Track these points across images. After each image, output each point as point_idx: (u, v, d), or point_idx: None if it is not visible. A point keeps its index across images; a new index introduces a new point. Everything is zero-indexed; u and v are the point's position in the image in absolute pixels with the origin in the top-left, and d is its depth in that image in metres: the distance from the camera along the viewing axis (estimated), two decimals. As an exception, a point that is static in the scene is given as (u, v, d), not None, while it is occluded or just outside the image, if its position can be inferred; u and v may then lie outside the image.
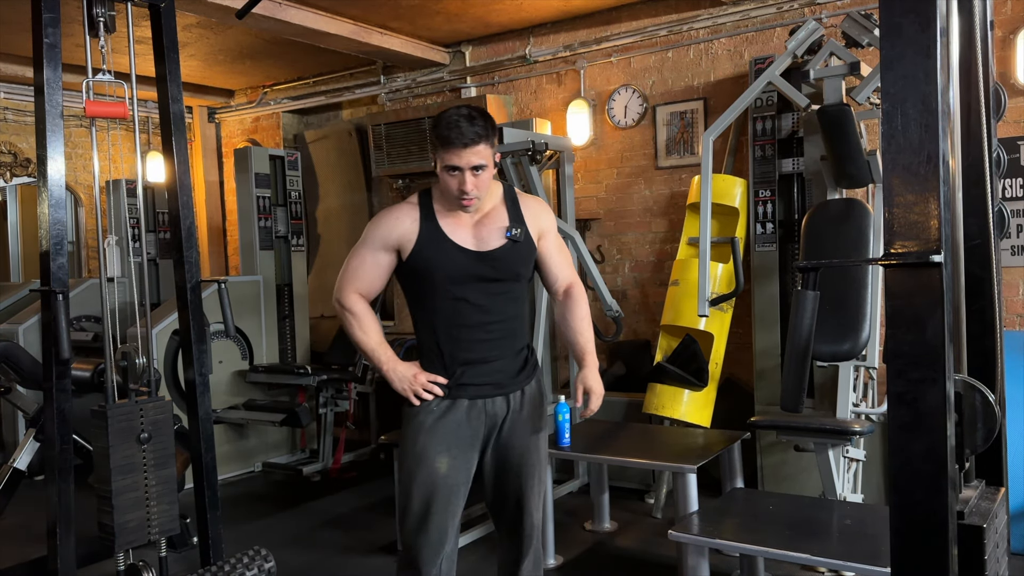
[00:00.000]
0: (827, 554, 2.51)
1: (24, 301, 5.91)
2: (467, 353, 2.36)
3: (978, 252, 2.05)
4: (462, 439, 2.37)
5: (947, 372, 1.49)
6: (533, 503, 2.46)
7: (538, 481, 2.47)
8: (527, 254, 2.40)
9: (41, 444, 3.43)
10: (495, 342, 2.38)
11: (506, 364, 2.39)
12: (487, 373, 2.37)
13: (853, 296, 3.45)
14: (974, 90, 2.05)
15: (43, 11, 2.65)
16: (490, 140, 2.27)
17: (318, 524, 4.46)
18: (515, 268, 2.38)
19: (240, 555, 3.06)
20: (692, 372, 4.14)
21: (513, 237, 2.35)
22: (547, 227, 2.47)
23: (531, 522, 2.46)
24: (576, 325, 2.46)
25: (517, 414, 2.40)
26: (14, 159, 6.38)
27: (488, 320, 2.36)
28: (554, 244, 2.48)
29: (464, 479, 2.39)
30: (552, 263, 2.48)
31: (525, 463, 2.42)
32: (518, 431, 2.41)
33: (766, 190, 4.31)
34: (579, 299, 2.49)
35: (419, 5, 4.96)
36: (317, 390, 5.51)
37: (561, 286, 2.50)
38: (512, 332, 2.41)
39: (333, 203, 6.83)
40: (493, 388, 2.38)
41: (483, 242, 2.35)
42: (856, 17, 3.65)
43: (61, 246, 2.72)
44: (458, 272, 2.33)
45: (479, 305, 2.34)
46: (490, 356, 2.37)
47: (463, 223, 2.36)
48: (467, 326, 2.35)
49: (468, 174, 2.24)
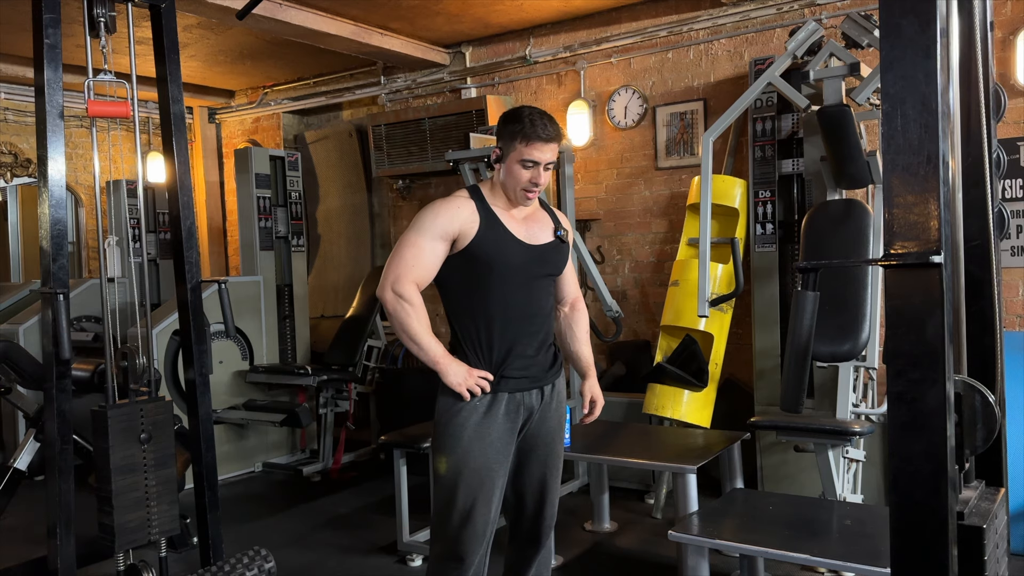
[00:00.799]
0: (827, 554, 2.50)
1: (24, 301, 5.91)
2: (515, 345, 2.42)
3: (978, 252, 2.06)
4: (504, 433, 2.42)
5: (947, 372, 1.49)
6: (555, 493, 2.59)
7: (559, 473, 2.60)
8: (565, 255, 2.57)
9: (41, 444, 3.43)
10: (536, 335, 2.47)
11: (542, 358, 2.49)
12: (527, 366, 2.45)
13: (853, 296, 3.45)
14: (974, 90, 2.05)
15: (43, 11, 2.65)
16: (559, 139, 2.42)
17: (318, 524, 4.46)
18: (559, 265, 2.53)
19: (240, 555, 3.07)
20: (692, 372, 4.14)
21: (561, 237, 2.52)
22: (570, 240, 2.62)
23: (551, 512, 2.59)
24: (581, 337, 2.66)
25: (548, 406, 2.51)
26: (14, 159, 6.38)
27: (534, 313, 2.47)
28: (571, 257, 2.64)
29: (505, 471, 2.46)
30: (567, 273, 2.63)
31: (551, 453, 2.55)
32: (547, 422, 2.52)
33: (766, 191, 4.31)
34: (584, 313, 2.69)
35: (419, 5, 4.96)
36: (317, 390, 5.51)
37: (570, 298, 2.66)
38: (549, 327, 2.54)
39: (333, 203, 6.83)
40: (530, 381, 2.46)
41: (534, 237, 2.47)
42: (856, 18, 3.66)
43: (61, 246, 2.72)
44: (515, 263, 2.41)
45: (528, 298, 2.45)
46: (531, 349, 2.46)
47: (516, 219, 2.47)
48: (517, 319, 2.43)
49: (542, 169, 2.38)
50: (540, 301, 2.49)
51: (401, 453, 3.92)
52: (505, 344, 2.41)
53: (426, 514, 3.90)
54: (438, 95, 6.07)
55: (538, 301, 2.48)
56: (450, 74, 5.94)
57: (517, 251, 2.41)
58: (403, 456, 3.93)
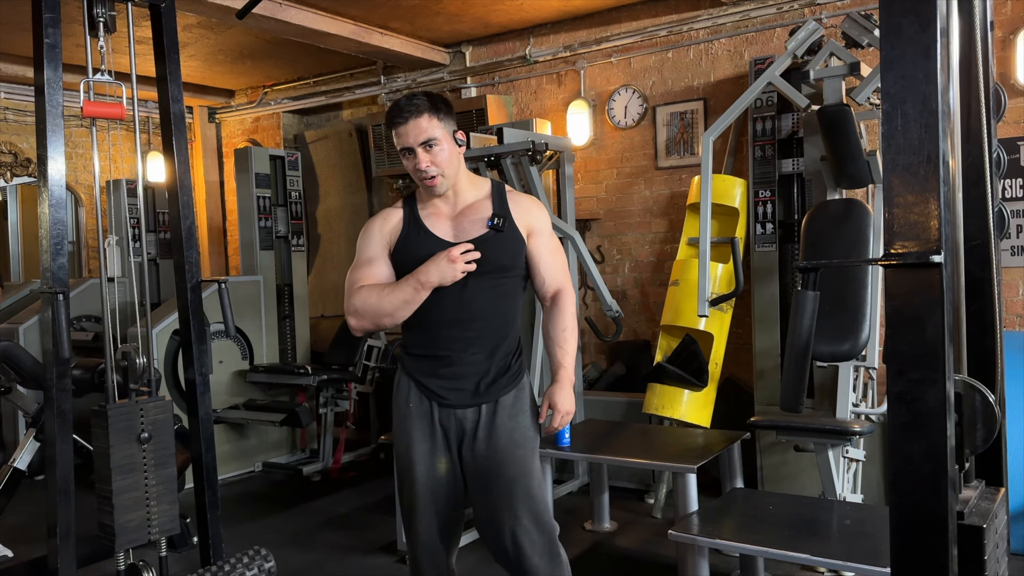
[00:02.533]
0: (827, 554, 2.51)
1: (24, 301, 5.91)
2: (441, 351, 2.26)
3: (978, 252, 2.05)
4: (436, 439, 2.29)
5: (947, 372, 1.49)
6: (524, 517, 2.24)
7: (527, 496, 2.25)
8: (512, 245, 2.27)
9: (41, 444, 3.43)
10: (473, 342, 2.25)
11: (482, 367, 2.26)
12: (459, 377, 2.25)
13: (853, 296, 3.45)
14: (974, 90, 2.05)
15: (43, 11, 2.65)
16: (435, 112, 2.20)
17: (318, 524, 4.46)
18: (497, 259, 2.24)
19: (240, 555, 3.07)
20: (692, 372, 4.14)
21: (495, 226, 2.24)
22: (537, 225, 2.33)
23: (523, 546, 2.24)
24: (556, 335, 2.30)
25: (491, 422, 2.26)
26: (14, 159, 6.38)
27: (468, 317, 2.24)
28: (546, 245, 2.34)
29: (442, 480, 2.28)
30: (541, 264, 2.33)
31: (501, 475, 2.24)
32: (492, 441, 2.25)
33: (766, 190, 4.31)
34: (564, 308, 2.32)
35: (419, 5, 4.96)
36: (317, 390, 5.51)
37: (548, 291, 2.34)
38: (496, 332, 2.28)
39: (333, 203, 6.83)
40: (458, 395, 2.26)
41: (463, 233, 2.26)
42: (856, 17, 3.65)
43: (61, 246, 2.72)
44: None
45: (458, 300, 2.23)
46: (466, 357, 2.25)
47: (443, 216, 2.29)
48: (444, 322, 2.25)
49: (420, 151, 2.19)
50: (484, 303, 2.24)
51: (401, 453, 3.91)
52: (433, 351, 2.27)
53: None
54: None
55: (482, 303, 2.24)
56: (450, 74, 5.94)
57: (436, 250, 2.21)
58: (403, 456, 3.92)
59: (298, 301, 6.07)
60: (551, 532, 2.30)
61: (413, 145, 2.19)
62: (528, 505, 2.25)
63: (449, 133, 2.24)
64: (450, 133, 2.24)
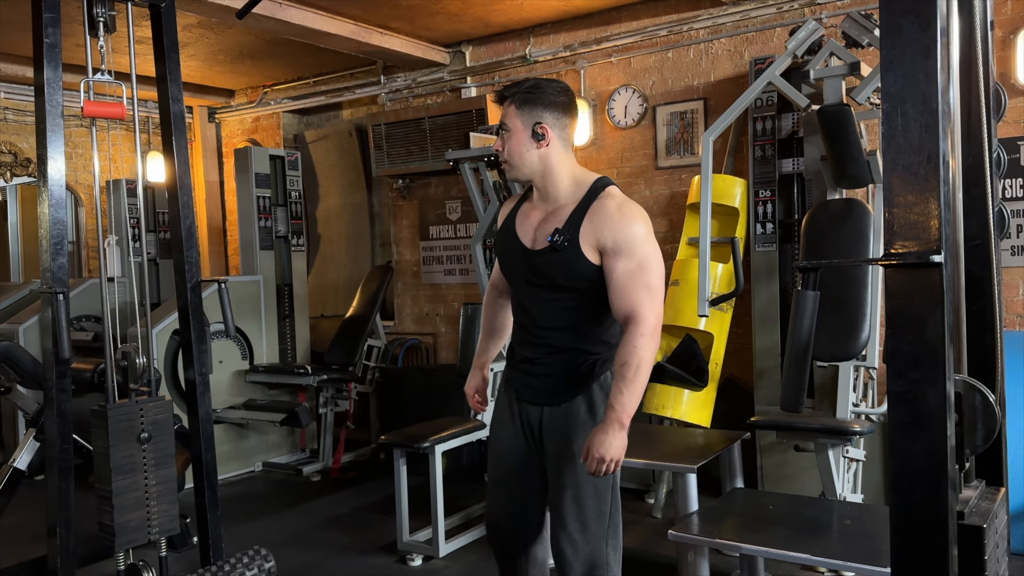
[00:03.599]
0: (827, 554, 2.50)
1: (24, 301, 5.91)
2: (519, 347, 2.35)
3: (978, 252, 2.05)
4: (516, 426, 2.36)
5: (947, 372, 1.49)
6: (570, 523, 2.23)
7: (575, 504, 2.23)
8: (568, 265, 2.16)
9: (41, 444, 3.43)
10: (538, 348, 2.26)
11: (548, 371, 2.26)
12: (529, 374, 2.31)
13: (853, 296, 3.45)
14: (974, 90, 2.05)
15: (43, 11, 2.65)
16: (517, 101, 2.19)
17: (318, 524, 4.46)
18: (551, 276, 2.19)
19: (240, 555, 3.06)
20: (692, 372, 4.14)
21: (553, 243, 2.16)
22: (610, 244, 2.13)
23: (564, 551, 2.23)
24: (615, 368, 2.14)
25: (551, 426, 2.27)
26: (14, 159, 6.38)
27: (531, 324, 2.28)
28: (622, 267, 2.13)
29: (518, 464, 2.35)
30: (611, 287, 2.15)
31: (557, 474, 2.26)
32: (551, 443, 2.28)
33: (766, 190, 4.31)
34: (627, 339, 2.11)
35: (419, 5, 4.96)
36: (317, 390, 5.51)
37: (618, 316, 2.17)
38: (561, 341, 2.23)
39: (333, 203, 6.83)
40: (528, 391, 2.32)
41: (536, 241, 2.23)
42: (856, 17, 3.65)
43: (61, 246, 2.72)
44: (509, 267, 2.33)
45: (524, 307, 2.30)
46: (535, 358, 2.28)
47: (534, 217, 2.27)
48: (520, 323, 2.35)
49: (498, 133, 2.24)
50: (546, 315, 2.24)
51: (401, 453, 3.92)
52: (516, 345, 2.37)
53: (426, 513, 3.92)
54: (438, 94, 6.07)
55: (544, 314, 2.24)
56: (450, 73, 5.94)
57: (513, 254, 2.28)
58: (403, 456, 3.93)
59: (298, 301, 6.07)
60: (597, 547, 2.23)
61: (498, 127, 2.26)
62: (576, 514, 2.22)
63: (530, 124, 2.20)
64: (527, 123, 2.20)
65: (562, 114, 2.21)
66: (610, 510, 2.25)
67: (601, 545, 2.24)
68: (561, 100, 2.21)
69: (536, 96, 2.19)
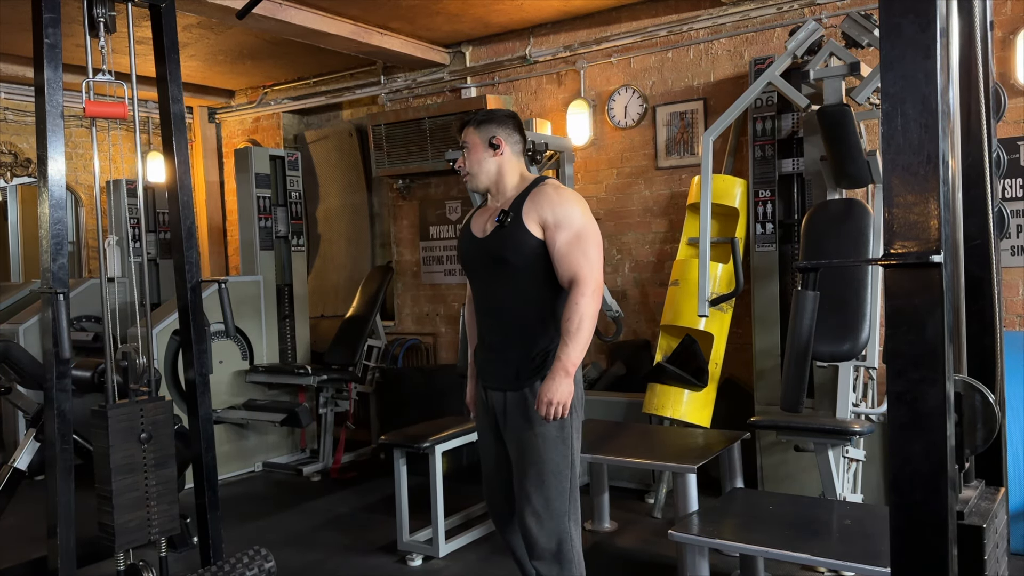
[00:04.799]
0: (827, 554, 2.51)
1: (24, 301, 5.91)
2: (482, 335, 2.61)
3: (978, 252, 2.05)
4: (486, 414, 2.61)
5: (947, 372, 1.49)
6: (529, 502, 2.43)
7: (538, 481, 2.42)
8: (515, 240, 2.41)
9: (41, 444, 3.43)
10: (497, 330, 2.53)
11: (506, 355, 2.49)
12: (489, 361, 2.55)
13: (853, 296, 3.45)
14: (974, 90, 2.05)
15: (43, 11, 2.65)
16: (474, 123, 2.57)
17: (318, 524, 4.46)
18: (500, 252, 2.44)
19: (240, 555, 3.07)
20: (692, 372, 4.14)
21: (501, 221, 2.45)
22: (551, 218, 2.40)
23: (530, 521, 2.43)
24: (561, 324, 2.38)
25: (512, 410, 2.49)
26: (14, 159, 6.38)
27: (492, 306, 2.54)
28: (562, 238, 2.39)
29: (495, 453, 2.60)
30: (554, 256, 2.41)
31: (520, 458, 2.47)
32: (511, 428, 2.50)
33: (766, 190, 4.31)
34: (571, 298, 2.36)
35: (419, 5, 4.96)
36: (317, 390, 5.51)
37: (563, 282, 2.42)
38: (519, 326, 2.48)
39: (333, 203, 6.83)
40: (489, 378, 2.56)
41: (487, 229, 2.53)
42: (856, 17, 3.65)
43: (61, 246, 2.72)
44: (466, 256, 2.60)
45: (486, 292, 2.55)
46: (496, 343, 2.53)
47: (484, 215, 2.58)
48: (481, 312, 2.60)
49: (462, 152, 2.59)
50: (504, 296, 2.48)
51: (401, 453, 3.92)
52: (479, 334, 2.63)
53: (426, 513, 3.92)
54: (438, 95, 6.07)
55: (501, 296, 2.49)
56: (450, 74, 5.94)
57: (467, 245, 2.58)
58: (403, 456, 3.93)
59: (298, 301, 6.07)
60: (560, 522, 2.44)
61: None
62: (540, 490, 2.43)
63: (486, 140, 2.55)
64: (483, 140, 2.55)
65: (513, 130, 2.58)
66: (569, 485, 2.44)
67: (564, 520, 2.44)
68: (510, 120, 2.59)
69: (490, 117, 2.58)
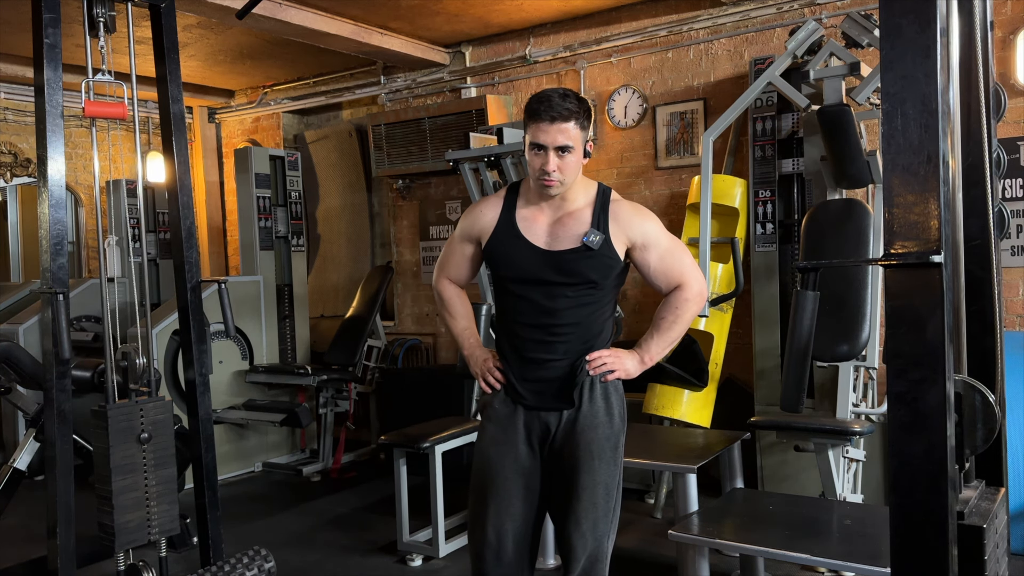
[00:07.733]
0: (827, 554, 2.50)
1: (24, 301, 5.91)
2: (528, 354, 2.30)
3: (978, 252, 2.05)
4: (517, 443, 2.31)
5: (947, 372, 1.49)
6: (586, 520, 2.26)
7: (596, 498, 2.26)
8: (604, 264, 2.26)
9: (41, 444, 3.43)
10: (557, 345, 2.27)
11: (565, 372, 2.27)
12: (542, 380, 2.28)
13: (853, 296, 3.45)
14: (974, 90, 2.05)
15: (43, 11, 2.65)
16: (581, 121, 2.19)
17: (318, 524, 4.46)
18: (584, 273, 2.25)
19: (240, 555, 3.06)
20: (692, 372, 4.14)
21: (589, 243, 2.23)
22: (640, 239, 2.31)
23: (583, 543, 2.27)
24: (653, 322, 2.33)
25: (568, 430, 2.28)
26: (14, 159, 6.38)
27: (551, 323, 2.27)
28: (656, 253, 2.32)
29: (526, 481, 2.30)
30: (651, 273, 2.33)
31: (574, 479, 2.26)
32: (568, 446, 2.27)
33: (766, 190, 4.31)
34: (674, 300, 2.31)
35: (419, 5, 4.96)
36: (317, 390, 5.51)
37: (664, 291, 2.36)
38: (580, 339, 2.28)
39: (333, 203, 6.83)
40: (542, 399, 2.29)
41: (557, 242, 2.26)
42: (856, 17, 3.65)
43: (61, 246, 2.72)
44: (523, 269, 2.28)
45: (542, 306, 2.27)
46: (550, 362, 2.27)
47: (541, 219, 2.29)
48: (529, 325, 2.29)
49: (552, 154, 2.16)
50: (568, 309, 2.26)
51: (401, 453, 3.92)
52: (519, 353, 2.31)
53: (426, 513, 3.92)
54: (438, 95, 6.06)
55: (565, 309, 2.26)
56: (450, 74, 5.94)
57: (526, 256, 2.26)
58: (403, 456, 3.93)
59: (298, 301, 6.07)
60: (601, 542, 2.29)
61: (549, 146, 2.16)
62: (591, 513, 2.26)
63: (584, 145, 2.24)
64: (583, 143, 2.23)
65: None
66: (614, 505, 2.32)
67: (604, 540, 2.31)
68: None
69: (589, 113, 2.25)
